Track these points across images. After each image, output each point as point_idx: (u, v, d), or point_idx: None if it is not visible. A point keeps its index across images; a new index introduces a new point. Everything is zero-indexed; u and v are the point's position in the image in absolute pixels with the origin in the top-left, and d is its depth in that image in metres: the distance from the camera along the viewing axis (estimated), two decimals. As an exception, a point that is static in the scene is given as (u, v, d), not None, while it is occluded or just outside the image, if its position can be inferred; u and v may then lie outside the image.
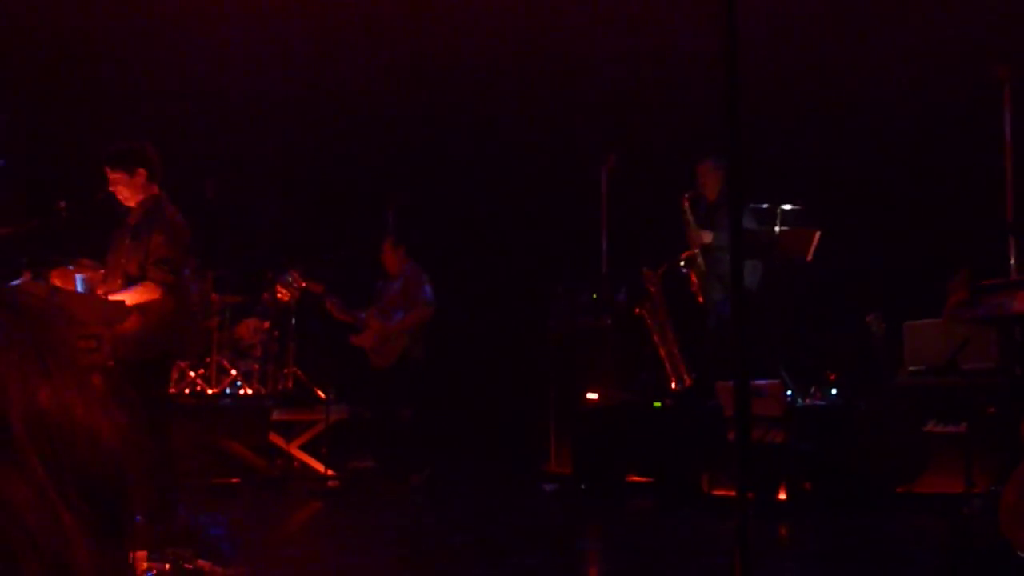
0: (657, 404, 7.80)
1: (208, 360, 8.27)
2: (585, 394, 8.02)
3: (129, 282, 4.86)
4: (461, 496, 7.82)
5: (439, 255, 8.75)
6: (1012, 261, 6.85)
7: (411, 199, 8.77)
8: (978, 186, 7.58)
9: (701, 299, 8.00)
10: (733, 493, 6.27)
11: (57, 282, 4.83)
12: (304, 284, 8.18)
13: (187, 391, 8.06)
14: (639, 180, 8.47)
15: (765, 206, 7.45)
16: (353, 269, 8.41)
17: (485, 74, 9.28)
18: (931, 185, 8.47)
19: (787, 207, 7.47)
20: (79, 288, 4.84)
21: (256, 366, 8.45)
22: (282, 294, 8.25)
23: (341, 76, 9.38)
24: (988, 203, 7.17)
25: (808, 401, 7.14)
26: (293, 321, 8.47)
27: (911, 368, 6.97)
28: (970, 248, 7.28)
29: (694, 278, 8.00)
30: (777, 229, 7.38)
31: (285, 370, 8.54)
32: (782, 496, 6.68)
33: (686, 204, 7.91)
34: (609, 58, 9.03)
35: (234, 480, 7.96)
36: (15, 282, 4.73)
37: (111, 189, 4.92)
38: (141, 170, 4.93)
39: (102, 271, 5.02)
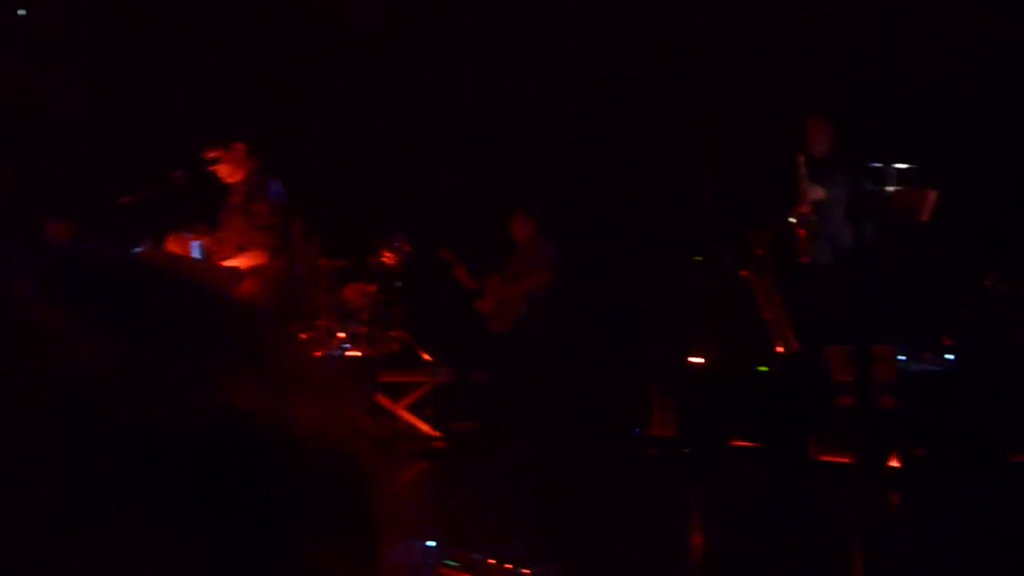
0: (763, 368, 7.69)
1: (316, 323, 8.44)
2: (689, 358, 7.95)
3: (238, 252, 4.97)
4: (564, 460, 7.85)
5: (541, 217, 8.74)
6: None
7: (519, 163, 8.78)
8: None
9: (805, 259, 7.85)
10: (841, 459, 6.17)
11: (174, 248, 4.97)
12: (408, 248, 8.30)
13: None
14: (745, 140, 8.29)
15: (878, 165, 7.23)
16: (481, 237, 8.55)
17: (594, 32, 9.16)
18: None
19: (901, 166, 7.23)
20: (195, 254, 4.97)
21: (363, 329, 8.59)
22: (388, 258, 8.36)
23: (448, 35, 9.37)
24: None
25: (922, 366, 6.95)
26: (399, 285, 8.57)
27: (1032, 332, 6.73)
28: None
29: (802, 234, 7.83)
30: (891, 189, 7.17)
31: (391, 333, 8.66)
32: (894, 463, 6.53)
33: (801, 159, 7.74)
34: (716, 12, 8.83)
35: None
36: (136, 249, 4.88)
37: (212, 168, 4.99)
38: (238, 144, 5.00)
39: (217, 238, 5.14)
